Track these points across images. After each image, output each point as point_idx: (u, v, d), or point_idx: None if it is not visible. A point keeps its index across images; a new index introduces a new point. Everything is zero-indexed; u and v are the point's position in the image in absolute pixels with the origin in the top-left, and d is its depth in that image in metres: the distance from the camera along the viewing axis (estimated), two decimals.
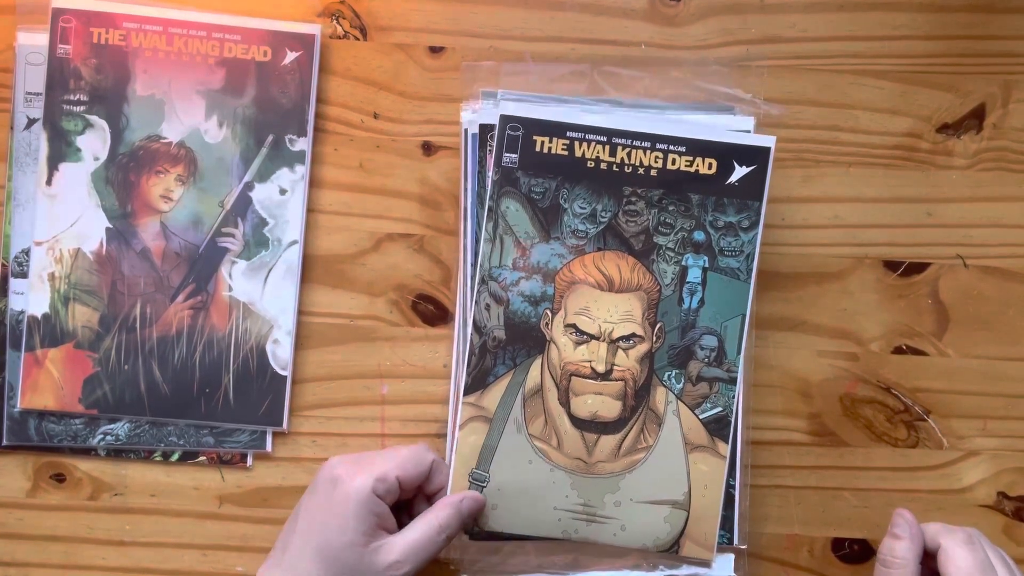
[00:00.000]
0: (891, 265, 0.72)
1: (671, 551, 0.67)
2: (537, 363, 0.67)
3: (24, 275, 0.70)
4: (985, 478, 0.72)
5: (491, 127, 0.68)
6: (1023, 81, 0.72)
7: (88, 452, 0.70)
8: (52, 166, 0.70)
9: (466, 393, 0.67)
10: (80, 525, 0.70)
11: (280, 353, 0.70)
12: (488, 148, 0.69)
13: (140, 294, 0.70)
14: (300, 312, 0.71)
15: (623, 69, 0.71)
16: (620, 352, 0.66)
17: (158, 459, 0.71)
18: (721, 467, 0.67)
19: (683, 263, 0.67)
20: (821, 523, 0.71)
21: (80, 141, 0.70)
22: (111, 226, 0.70)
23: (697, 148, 0.66)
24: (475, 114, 0.70)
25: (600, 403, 0.66)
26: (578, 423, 0.67)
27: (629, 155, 0.66)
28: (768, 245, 0.71)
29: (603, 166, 0.66)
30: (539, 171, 0.67)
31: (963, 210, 0.72)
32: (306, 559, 0.60)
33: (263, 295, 0.71)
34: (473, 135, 0.69)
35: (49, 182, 0.70)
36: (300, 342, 0.71)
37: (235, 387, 0.70)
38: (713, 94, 0.71)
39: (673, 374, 0.67)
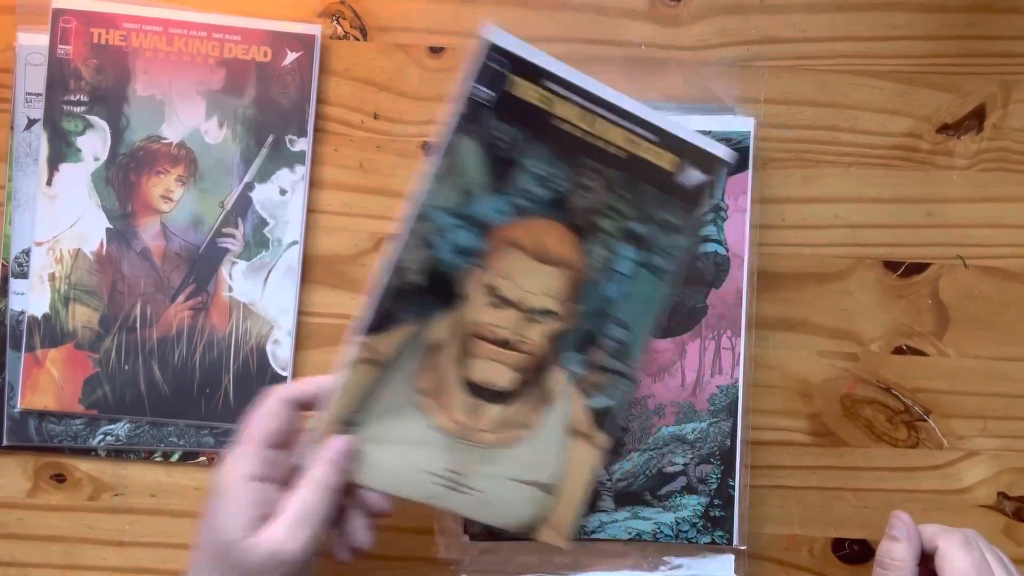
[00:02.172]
0: (891, 265, 0.72)
1: (525, 533, 0.64)
2: (445, 317, 0.63)
3: (24, 275, 0.70)
4: (985, 478, 0.72)
5: None
6: (1023, 81, 0.72)
7: (88, 452, 0.70)
8: (52, 166, 0.70)
9: (363, 333, 0.62)
10: (80, 525, 0.70)
11: (280, 353, 0.70)
12: None
13: (140, 294, 0.70)
14: (300, 312, 0.71)
15: (623, 69, 0.71)
16: (531, 325, 0.63)
17: (158, 459, 0.71)
18: (596, 458, 0.65)
19: (617, 251, 0.64)
20: (821, 523, 0.71)
21: (80, 141, 0.70)
22: (111, 226, 0.70)
23: (667, 141, 0.63)
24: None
25: (496, 371, 0.63)
26: (469, 386, 0.63)
27: (602, 128, 0.63)
28: (768, 245, 0.71)
29: (573, 131, 0.62)
30: (508, 117, 0.62)
31: (963, 210, 0.72)
32: (205, 570, 0.57)
33: (263, 295, 0.71)
34: None
35: (49, 182, 0.70)
36: (300, 342, 0.71)
37: (235, 387, 0.70)
38: (713, 94, 0.71)
39: (575, 358, 0.64)
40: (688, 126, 0.64)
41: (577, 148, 0.63)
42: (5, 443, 0.70)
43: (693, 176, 0.63)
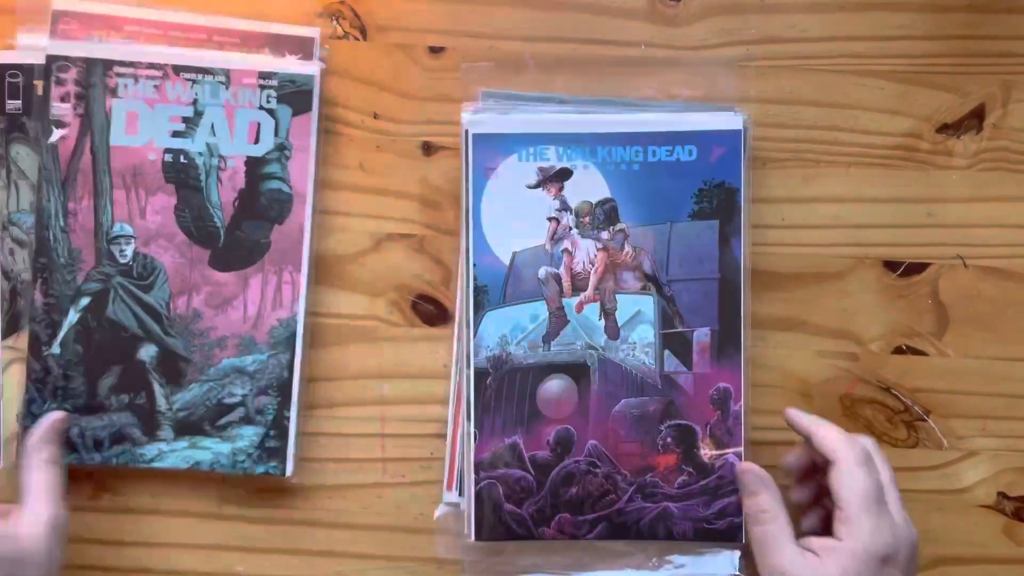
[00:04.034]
0: (891, 265, 0.72)
1: None
2: None
3: None
4: (985, 478, 0.72)
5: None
6: (1023, 81, 0.72)
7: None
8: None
9: (3, 337, 0.68)
10: (80, 525, 0.70)
11: None
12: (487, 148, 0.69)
13: None
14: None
15: (622, 69, 0.71)
16: None
17: None
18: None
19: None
20: None
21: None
22: None
23: None
24: (476, 114, 0.70)
25: None
26: None
27: None
28: (768, 245, 0.71)
29: None
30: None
31: (963, 210, 0.72)
32: None
33: None
34: (473, 135, 0.69)
35: None
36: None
37: None
38: (713, 94, 0.71)
39: None
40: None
41: None
42: None
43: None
